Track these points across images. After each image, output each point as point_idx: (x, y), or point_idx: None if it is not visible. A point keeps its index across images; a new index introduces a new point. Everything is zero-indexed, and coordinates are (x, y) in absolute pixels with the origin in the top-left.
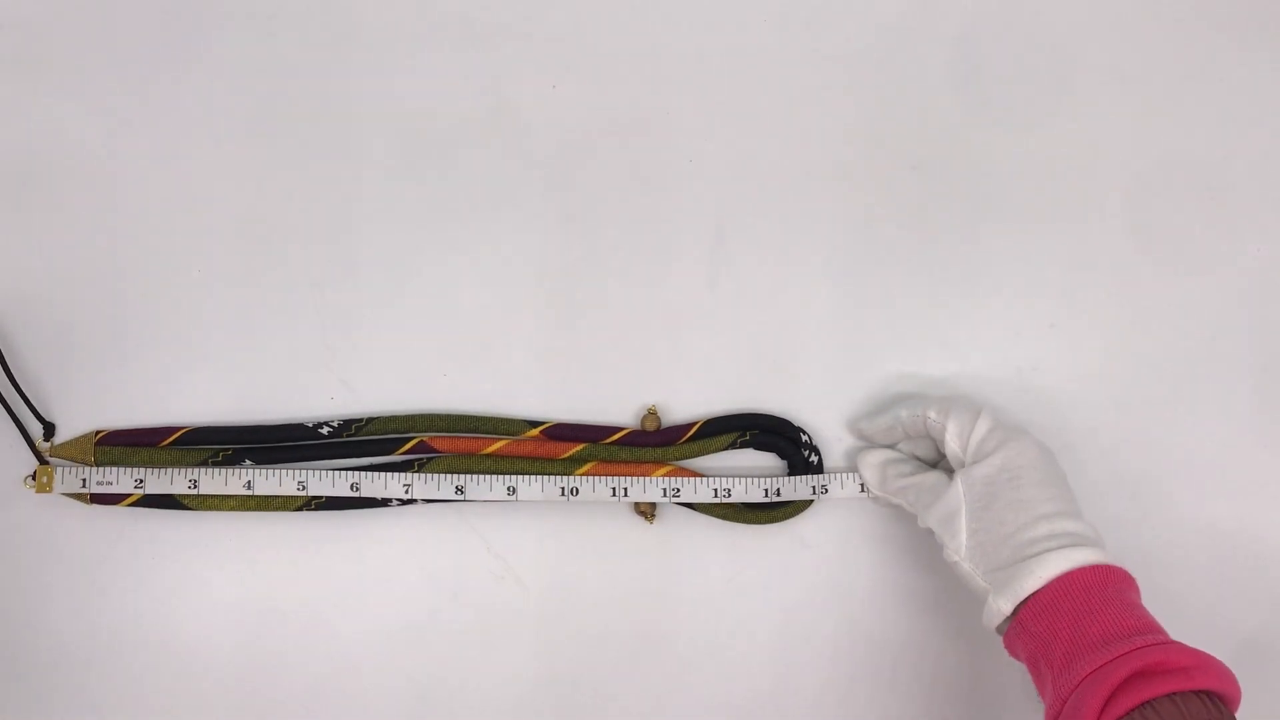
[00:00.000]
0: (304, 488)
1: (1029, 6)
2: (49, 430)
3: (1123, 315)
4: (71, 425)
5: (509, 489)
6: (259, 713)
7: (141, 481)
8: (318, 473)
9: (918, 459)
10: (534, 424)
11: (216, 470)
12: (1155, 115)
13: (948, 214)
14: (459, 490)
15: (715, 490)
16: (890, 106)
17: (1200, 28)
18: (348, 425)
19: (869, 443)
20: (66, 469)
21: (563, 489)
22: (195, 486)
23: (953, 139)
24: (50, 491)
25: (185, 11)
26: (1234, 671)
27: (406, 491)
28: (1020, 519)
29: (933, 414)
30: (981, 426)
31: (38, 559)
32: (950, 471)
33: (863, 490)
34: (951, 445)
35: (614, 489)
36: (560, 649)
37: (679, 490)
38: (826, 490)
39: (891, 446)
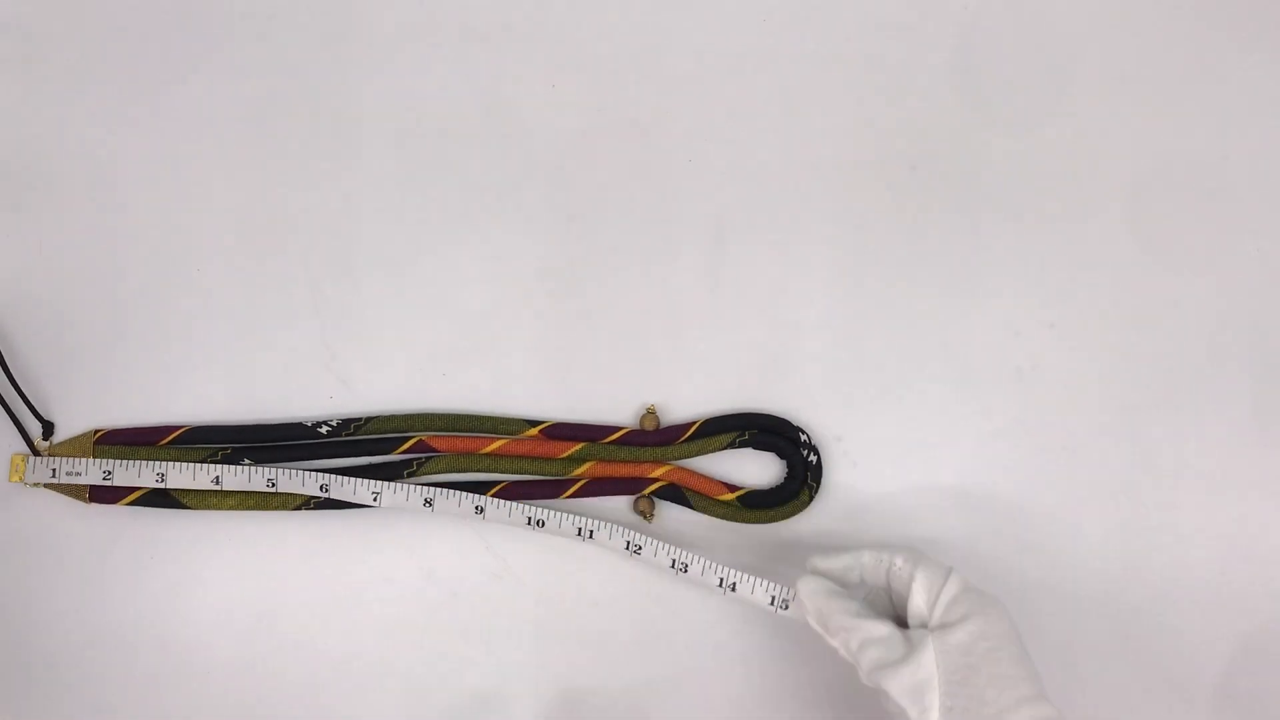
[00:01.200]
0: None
1: (1029, 6)
2: (48, 429)
3: (1123, 315)
4: (71, 424)
5: (476, 508)
6: (258, 712)
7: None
8: (296, 474)
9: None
10: (533, 423)
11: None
12: (1155, 115)
13: (948, 214)
14: (427, 504)
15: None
16: (890, 106)
17: (1200, 28)
18: (346, 424)
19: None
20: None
21: (529, 519)
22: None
23: (953, 139)
24: (21, 481)
25: (185, 11)
26: (1234, 673)
27: (375, 500)
28: (1004, 700)
29: (900, 561)
30: (953, 586)
31: (38, 559)
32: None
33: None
34: (917, 599)
35: (580, 529)
36: (560, 649)
37: (640, 548)
38: (784, 607)
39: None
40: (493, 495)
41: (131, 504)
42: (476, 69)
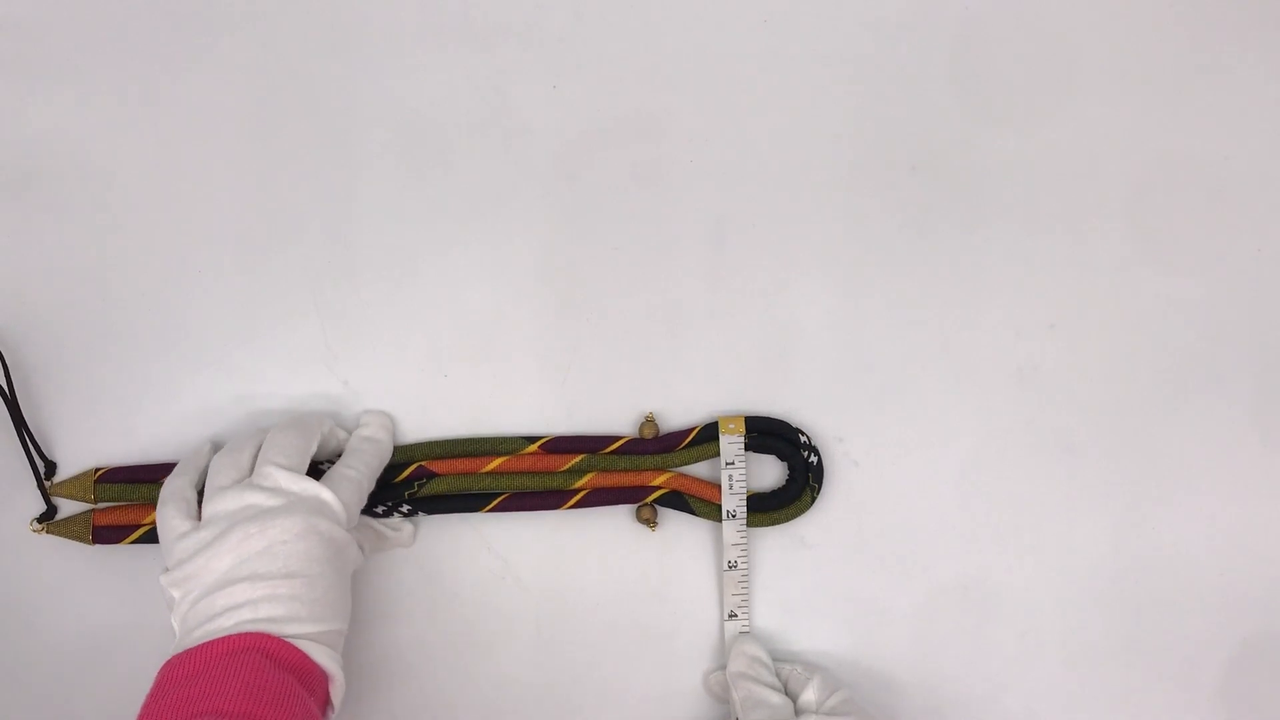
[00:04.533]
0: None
1: (1029, 6)
2: (50, 469)
3: (1123, 315)
4: (71, 423)
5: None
6: None
7: None
8: None
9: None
10: (531, 439)
11: None
12: (1155, 115)
13: (948, 214)
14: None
15: None
16: (890, 106)
17: (1200, 28)
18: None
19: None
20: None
21: None
22: None
23: (953, 139)
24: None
25: (185, 11)
26: (1234, 673)
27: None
28: None
29: (800, 667)
30: (845, 691)
31: (38, 560)
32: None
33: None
34: (809, 695)
35: None
36: (560, 649)
37: None
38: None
39: None
40: (494, 507)
41: (135, 542)
42: (476, 69)
